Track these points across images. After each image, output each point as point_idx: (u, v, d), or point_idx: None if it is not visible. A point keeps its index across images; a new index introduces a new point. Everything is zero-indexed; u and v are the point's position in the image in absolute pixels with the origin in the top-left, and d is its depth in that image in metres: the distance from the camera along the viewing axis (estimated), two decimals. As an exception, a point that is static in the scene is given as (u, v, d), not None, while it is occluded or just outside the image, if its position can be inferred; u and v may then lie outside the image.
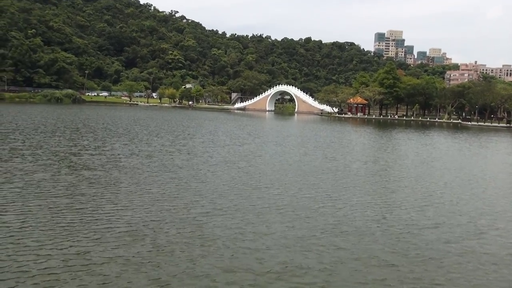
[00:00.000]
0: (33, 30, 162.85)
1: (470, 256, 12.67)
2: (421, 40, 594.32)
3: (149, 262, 11.03)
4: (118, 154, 28.07)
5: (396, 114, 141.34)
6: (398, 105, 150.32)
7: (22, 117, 56.47)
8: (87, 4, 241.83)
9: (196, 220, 14.59)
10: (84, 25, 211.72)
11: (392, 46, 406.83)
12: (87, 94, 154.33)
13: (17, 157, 24.61)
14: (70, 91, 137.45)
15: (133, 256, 11.33)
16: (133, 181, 20.00)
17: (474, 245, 13.67)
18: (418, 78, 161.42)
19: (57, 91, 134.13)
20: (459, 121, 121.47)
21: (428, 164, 31.47)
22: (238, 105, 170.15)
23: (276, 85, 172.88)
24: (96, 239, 12.40)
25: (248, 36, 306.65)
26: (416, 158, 34.74)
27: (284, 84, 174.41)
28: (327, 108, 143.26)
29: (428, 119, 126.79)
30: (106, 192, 17.66)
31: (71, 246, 11.74)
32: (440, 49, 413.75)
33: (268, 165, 27.07)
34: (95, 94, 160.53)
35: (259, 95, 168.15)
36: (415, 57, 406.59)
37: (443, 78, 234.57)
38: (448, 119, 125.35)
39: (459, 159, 36.11)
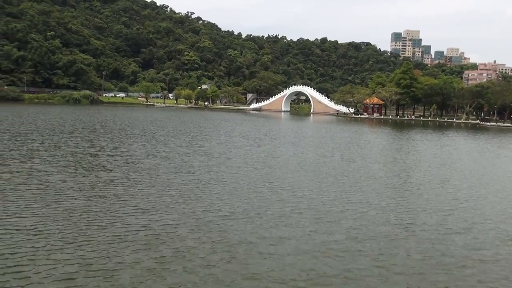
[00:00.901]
0: (52, 32, 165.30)
1: (503, 263, 12.15)
2: (438, 40, 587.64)
3: (169, 267, 10.79)
4: (136, 155, 28.03)
5: (413, 114, 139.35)
6: (415, 106, 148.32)
7: (41, 118, 57.10)
8: (105, 6, 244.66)
9: (215, 224, 14.32)
10: (101, 27, 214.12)
11: (409, 46, 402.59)
12: (105, 95, 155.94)
13: (35, 158, 24.72)
14: (88, 92, 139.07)
15: (153, 261, 11.11)
16: (151, 183, 19.84)
17: (504, 251, 13.12)
18: (435, 78, 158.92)
19: (75, 92, 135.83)
20: (478, 121, 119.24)
21: (449, 166, 30.72)
22: (254, 105, 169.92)
23: (291, 86, 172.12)
24: (115, 243, 12.22)
25: (263, 36, 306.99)
26: (437, 160, 33.98)
27: (300, 85, 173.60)
28: (343, 109, 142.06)
29: (445, 119, 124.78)
30: (124, 194, 17.53)
31: (89, 251, 11.57)
32: (458, 49, 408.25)
33: (287, 167, 26.69)
34: (112, 95, 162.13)
35: (274, 95, 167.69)
36: (433, 57, 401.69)
37: (461, 78, 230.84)
38: (466, 119, 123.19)
39: (481, 161, 35.22)
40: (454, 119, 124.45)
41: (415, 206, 18.02)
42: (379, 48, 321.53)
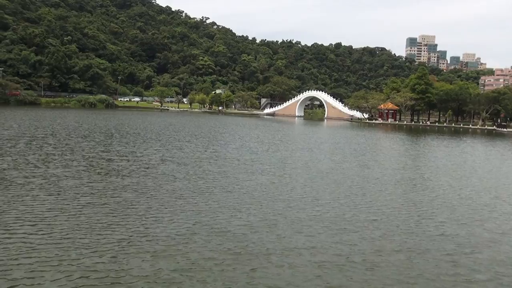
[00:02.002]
0: (69, 37, 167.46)
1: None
2: (454, 45, 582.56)
3: (185, 279, 10.37)
4: (151, 161, 27.81)
5: (428, 120, 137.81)
6: (430, 111, 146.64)
7: (57, 122, 57.54)
8: (121, 11, 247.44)
9: (233, 233, 13.86)
10: (117, 31, 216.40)
11: (424, 51, 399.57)
12: (120, 99, 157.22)
13: (50, 162, 24.66)
14: (103, 96, 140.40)
15: (174, 273, 10.69)
16: (167, 190, 19.48)
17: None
18: (451, 84, 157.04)
19: (91, 96, 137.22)
20: (494, 127, 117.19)
21: (472, 174, 29.87)
22: (267, 110, 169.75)
23: (305, 91, 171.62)
24: (131, 253, 11.81)
25: (278, 41, 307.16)
26: (458, 167, 33.11)
27: (314, 90, 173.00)
28: (357, 114, 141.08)
29: (461, 125, 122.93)
30: (141, 202, 17.19)
31: (105, 262, 11.19)
32: (474, 54, 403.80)
33: (305, 173, 26.17)
34: (127, 99, 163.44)
35: (288, 100, 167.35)
36: (448, 62, 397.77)
37: (477, 83, 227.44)
38: (482, 125, 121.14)
39: (504, 168, 34.25)
40: (470, 125, 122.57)
41: (440, 217, 17.33)
42: (394, 53, 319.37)
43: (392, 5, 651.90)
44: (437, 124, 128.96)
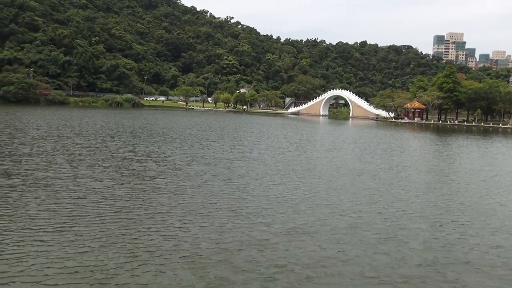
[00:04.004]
0: (97, 37, 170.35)
1: None
2: (483, 42, 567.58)
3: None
4: (180, 161, 27.61)
5: (456, 119, 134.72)
6: (458, 110, 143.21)
7: (85, 121, 58.49)
8: (147, 12, 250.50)
9: (264, 241, 13.26)
10: (143, 32, 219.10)
11: (452, 49, 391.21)
12: (146, 98, 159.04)
13: (78, 161, 24.81)
14: (129, 95, 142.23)
15: (202, 283, 10.28)
16: (197, 193, 19.08)
17: None
18: (480, 82, 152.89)
19: (117, 95, 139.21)
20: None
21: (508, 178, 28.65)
22: (292, 109, 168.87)
23: (330, 90, 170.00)
24: (159, 264, 11.26)
25: (302, 40, 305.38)
26: (498, 171, 31.77)
27: (339, 89, 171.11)
28: (383, 113, 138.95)
29: (491, 124, 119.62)
30: (170, 205, 16.83)
31: (132, 276, 10.76)
32: (504, 52, 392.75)
33: (336, 175, 25.39)
34: (153, 98, 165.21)
35: (313, 99, 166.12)
36: (477, 60, 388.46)
37: (508, 81, 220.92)
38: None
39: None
40: (500, 124, 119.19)
41: (491, 226, 16.45)
42: (421, 51, 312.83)
43: (419, 3, 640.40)
44: (465, 123, 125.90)
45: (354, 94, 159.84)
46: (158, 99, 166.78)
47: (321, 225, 15.13)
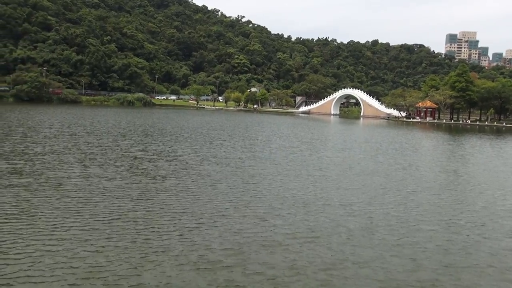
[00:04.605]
0: (108, 37, 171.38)
1: None
2: (497, 41, 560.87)
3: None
4: (191, 160, 27.49)
5: (469, 119, 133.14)
6: (471, 110, 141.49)
7: (97, 120, 58.78)
8: (158, 11, 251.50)
9: (282, 243, 12.98)
10: (155, 31, 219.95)
11: (464, 47, 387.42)
12: (157, 97, 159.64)
13: (86, 161, 24.85)
14: (141, 94, 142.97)
15: None
16: (208, 193, 18.90)
17: None
18: (493, 81, 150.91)
19: (129, 94, 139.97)
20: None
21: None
22: (303, 108, 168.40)
23: (341, 89, 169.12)
24: (170, 266, 11.05)
25: (313, 39, 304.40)
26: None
27: (350, 88, 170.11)
28: (394, 112, 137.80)
29: (504, 124, 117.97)
30: (181, 205, 16.69)
31: (142, 278, 10.59)
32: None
33: (349, 175, 25.05)
34: (164, 97, 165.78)
35: (323, 98, 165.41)
36: (490, 59, 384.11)
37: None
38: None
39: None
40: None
41: (508, 229, 15.98)
42: (433, 50, 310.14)
43: (431, 1, 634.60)
44: (478, 122, 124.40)
45: (365, 93, 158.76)
46: (169, 98, 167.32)
47: (335, 226, 14.87)
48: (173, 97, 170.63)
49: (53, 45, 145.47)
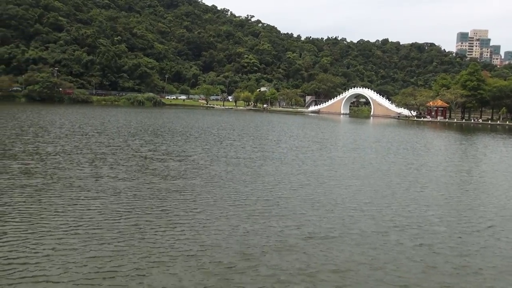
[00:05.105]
0: (119, 37, 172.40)
1: None
2: (509, 39, 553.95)
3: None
4: (200, 160, 27.33)
5: (480, 118, 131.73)
6: (482, 109, 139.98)
7: (107, 120, 59.05)
8: (168, 11, 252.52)
9: (299, 247, 12.71)
10: (165, 31, 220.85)
11: (476, 46, 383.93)
12: (167, 97, 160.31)
13: (97, 160, 24.84)
14: (151, 94, 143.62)
15: None
16: (219, 194, 18.69)
17: None
18: (505, 80, 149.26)
19: (139, 94, 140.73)
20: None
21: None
22: (312, 108, 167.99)
23: (351, 88, 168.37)
24: (180, 270, 10.91)
25: (323, 38, 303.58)
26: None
27: (360, 87, 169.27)
28: (405, 112, 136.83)
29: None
30: (192, 207, 16.53)
31: (151, 281, 10.46)
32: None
33: (361, 175, 24.67)
34: (174, 97, 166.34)
35: (333, 98, 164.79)
36: (502, 57, 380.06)
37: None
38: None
39: None
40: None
41: None
42: (444, 49, 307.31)
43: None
44: (489, 122, 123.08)
45: (375, 93, 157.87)
46: (179, 97, 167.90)
47: (349, 228, 14.62)
48: (183, 97, 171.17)
49: (64, 46, 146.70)
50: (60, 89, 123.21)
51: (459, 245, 13.57)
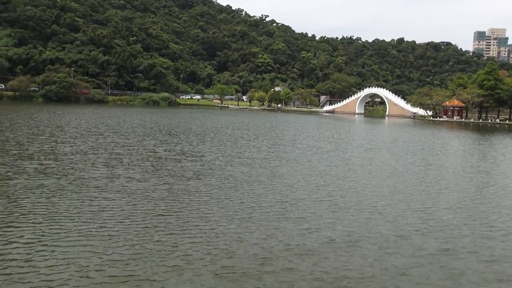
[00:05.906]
0: (134, 37, 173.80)
1: None
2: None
3: None
4: (216, 161, 27.15)
5: (498, 118, 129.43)
6: (500, 108, 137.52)
7: (123, 119, 59.35)
8: (183, 11, 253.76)
9: (316, 253, 12.35)
10: (179, 31, 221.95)
11: (493, 45, 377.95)
12: (182, 97, 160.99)
13: (112, 160, 24.78)
14: (166, 94, 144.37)
15: None
16: (234, 196, 18.42)
17: None
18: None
19: (154, 94, 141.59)
20: None
21: None
22: (327, 107, 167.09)
23: (366, 88, 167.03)
24: (194, 274, 10.65)
25: (337, 38, 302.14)
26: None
27: (375, 87, 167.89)
28: (420, 111, 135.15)
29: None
30: (207, 209, 16.31)
31: (165, 286, 10.24)
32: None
33: (380, 177, 24.17)
34: (189, 97, 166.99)
35: (348, 97, 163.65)
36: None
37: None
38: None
39: None
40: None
41: None
42: (460, 48, 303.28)
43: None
44: (507, 121, 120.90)
45: (390, 92, 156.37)
46: (193, 97, 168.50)
47: (368, 232, 14.21)
48: (198, 96, 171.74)
49: (80, 46, 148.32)
50: (77, 89, 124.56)
51: (485, 250, 13.08)
